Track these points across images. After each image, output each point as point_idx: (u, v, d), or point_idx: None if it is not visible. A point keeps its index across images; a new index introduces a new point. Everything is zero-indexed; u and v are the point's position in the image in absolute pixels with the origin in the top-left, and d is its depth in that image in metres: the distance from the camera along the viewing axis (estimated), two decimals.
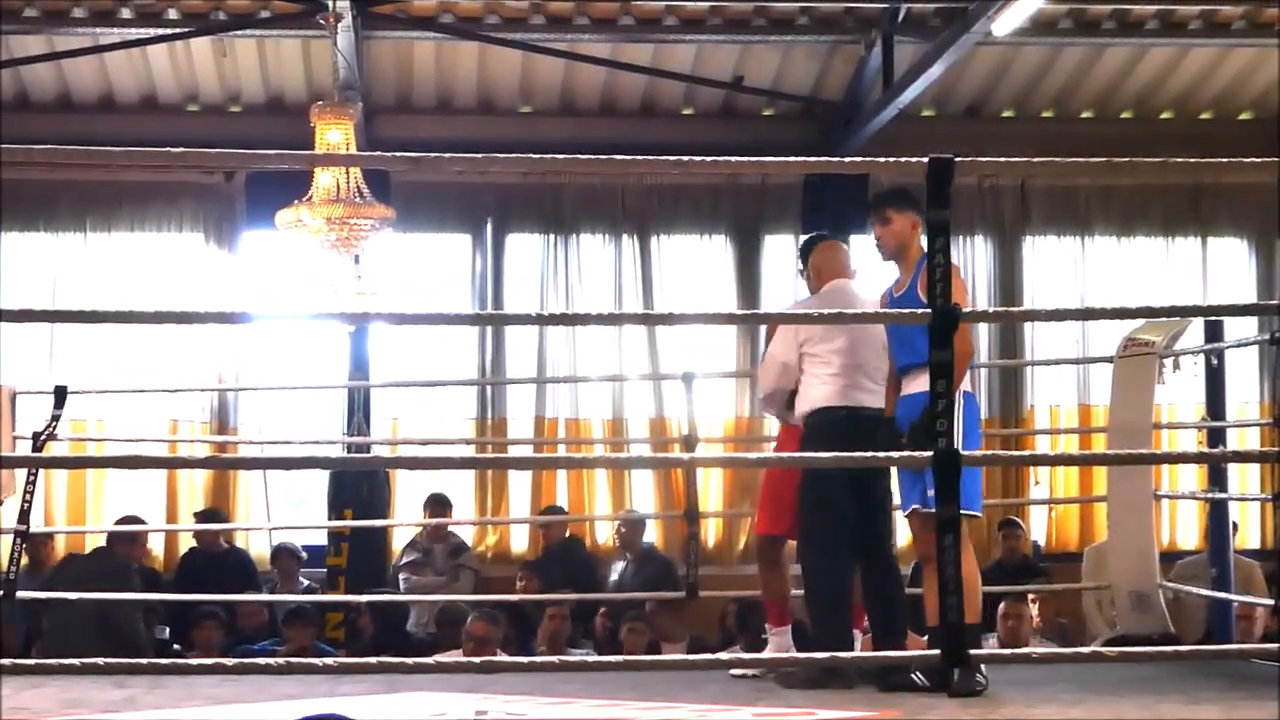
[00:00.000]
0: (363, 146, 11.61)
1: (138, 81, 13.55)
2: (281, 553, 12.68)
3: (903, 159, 5.84)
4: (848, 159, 7.18)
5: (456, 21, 12.91)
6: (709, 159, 5.93)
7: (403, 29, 12.91)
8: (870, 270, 8.22)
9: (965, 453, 5.70)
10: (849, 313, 7.61)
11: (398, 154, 5.91)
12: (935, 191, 5.58)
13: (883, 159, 5.73)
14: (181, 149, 6.19)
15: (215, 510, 13.12)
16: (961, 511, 6.59)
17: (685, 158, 5.84)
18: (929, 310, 5.61)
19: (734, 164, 6.75)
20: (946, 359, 5.52)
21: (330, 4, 11.23)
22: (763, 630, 10.22)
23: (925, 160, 5.60)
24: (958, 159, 5.62)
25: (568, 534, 13.08)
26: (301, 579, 12.61)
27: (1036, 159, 6.87)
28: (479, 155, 5.61)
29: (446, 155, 5.76)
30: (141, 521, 12.58)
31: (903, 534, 8.83)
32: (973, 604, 6.95)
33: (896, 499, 7.62)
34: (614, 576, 12.63)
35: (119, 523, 12.48)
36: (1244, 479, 13.38)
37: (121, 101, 13.70)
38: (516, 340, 13.96)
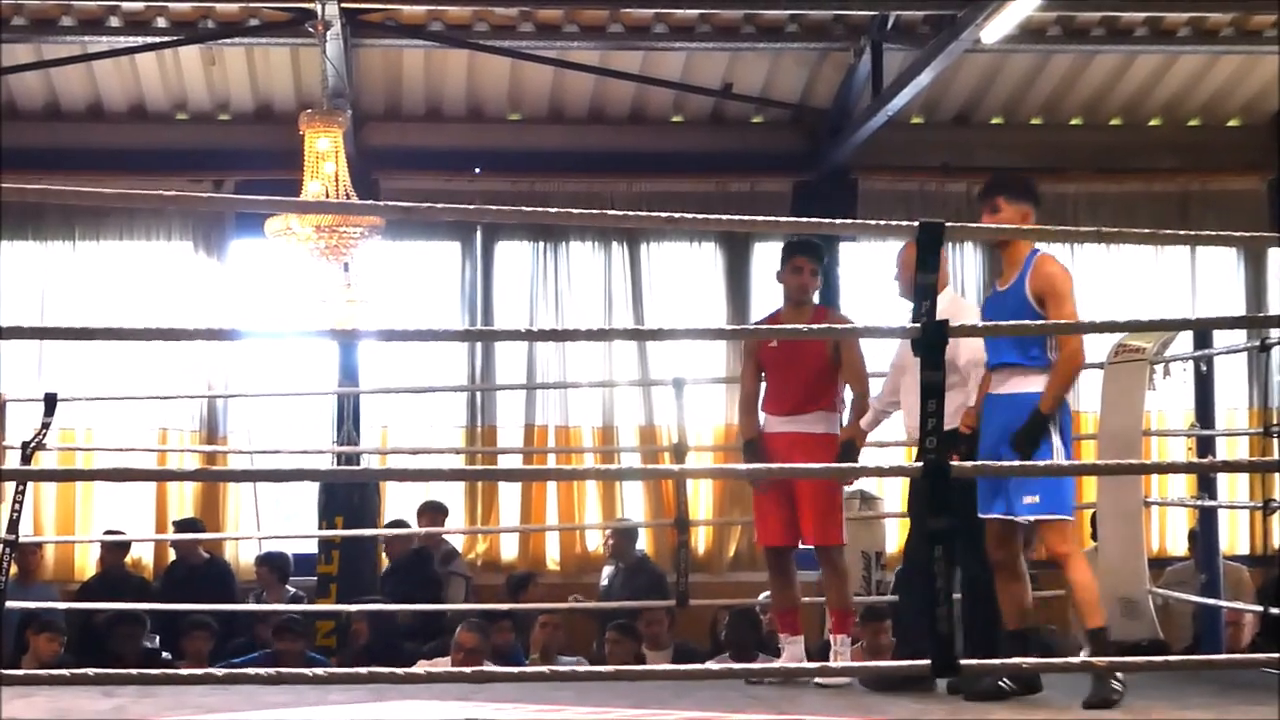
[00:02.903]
0: (351, 154, 11.61)
1: (126, 90, 13.53)
2: (262, 563, 12.66)
3: (894, 222, 5.83)
4: (837, 220, 7.18)
5: (445, 29, 12.91)
6: (699, 216, 5.90)
7: (392, 37, 12.91)
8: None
9: (955, 464, 5.67)
10: (837, 328, 7.61)
11: (390, 203, 5.85)
12: (924, 256, 5.56)
13: (873, 222, 5.72)
14: (174, 193, 6.21)
15: (193, 520, 13.07)
16: (1058, 517, 6.95)
17: (676, 214, 5.83)
18: (918, 326, 5.58)
19: (723, 222, 6.68)
20: (937, 380, 5.50)
21: (319, 12, 11.22)
22: (754, 642, 10.27)
23: (916, 224, 5.58)
24: (949, 224, 5.59)
25: (416, 546, 12.82)
26: (289, 588, 12.59)
27: (1025, 226, 6.98)
28: (470, 206, 5.59)
29: (439, 205, 5.74)
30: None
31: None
32: (1093, 608, 7.00)
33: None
34: (603, 583, 12.61)
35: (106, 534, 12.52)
36: (1233, 486, 13.40)
37: (110, 110, 13.68)
38: (506, 348, 13.96)
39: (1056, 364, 6.97)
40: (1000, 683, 7.08)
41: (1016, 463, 7.04)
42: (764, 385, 8.32)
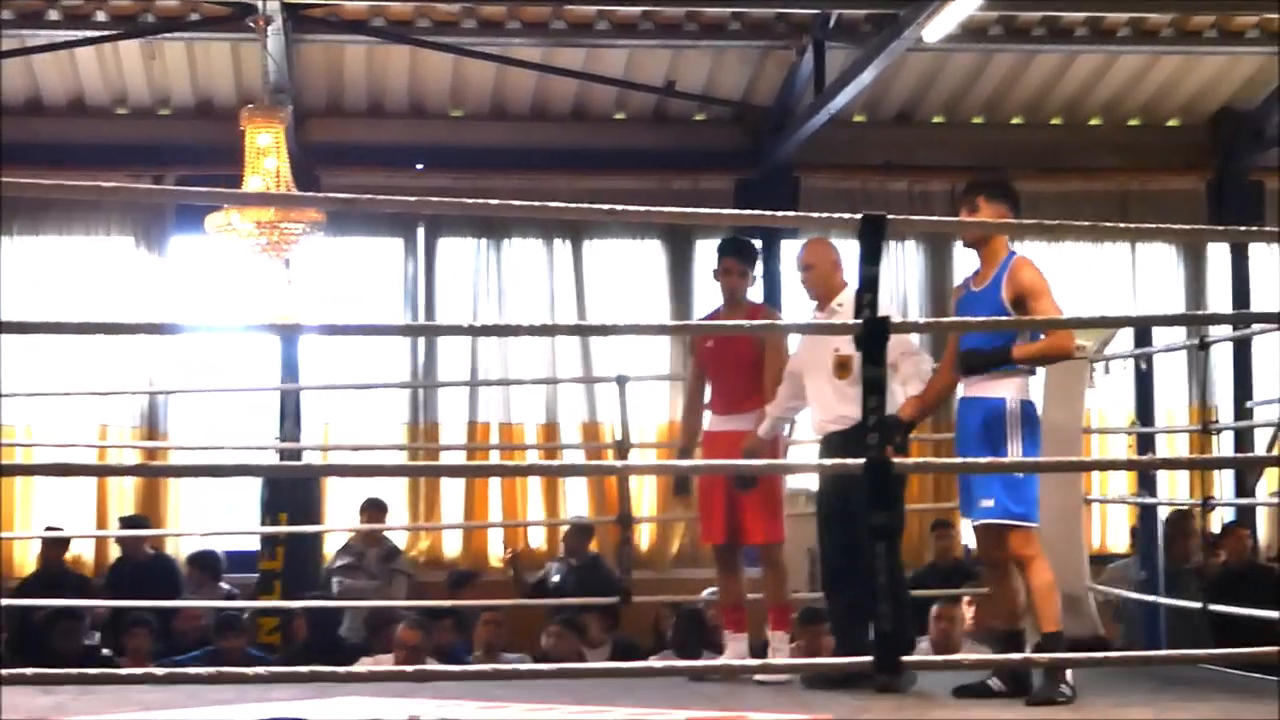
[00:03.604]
0: (293, 151, 11.55)
1: (65, 84, 13.44)
2: (192, 562, 12.62)
3: (837, 214, 5.85)
4: (778, 214, 7.25)
5: (387, 25, 12.88)
6: (641, 209, 5.91)
7: (333, 32, 12.87)
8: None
9: (897, 460, 5.69)
10: (780, 324, 7.60)
11: (330, 195, 5.86)
12: (867, 248, 5.56)
13: (815, 214, 5.72)
14: (115, 183, 6.14)
15: (140, 517, 13.01)
16: (1012, 522, 7.00)
17: (619, 207, 5.84)
18: (860, 322, 5.58)
19: (665, 214, 6.68)
20: (879, 375, 5.51)
21: (260, 7, 11.18)
22: (699, 640, 10.28)
23: (859, 216, 5.59)
24: (891, 217, 5.61)
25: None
26: (223, 584, 12.55)
27: (967, 219, 7.03)
28: (412, 199, 5.55)
29: (381, 197, 5.73)
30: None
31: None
32: (1050, 613, 7.04)
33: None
34: (554, 579, 12.60)
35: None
36: (1173, 483, 13.48)
37: (49, 104, 13.59)
38: (449, 345, 13.93)
39: (1047, 337, 7.04)
40: (988, 682, 7.10)
41: (956, 460, 7.08)
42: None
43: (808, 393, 7.93)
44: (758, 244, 8.72)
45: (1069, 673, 6.90)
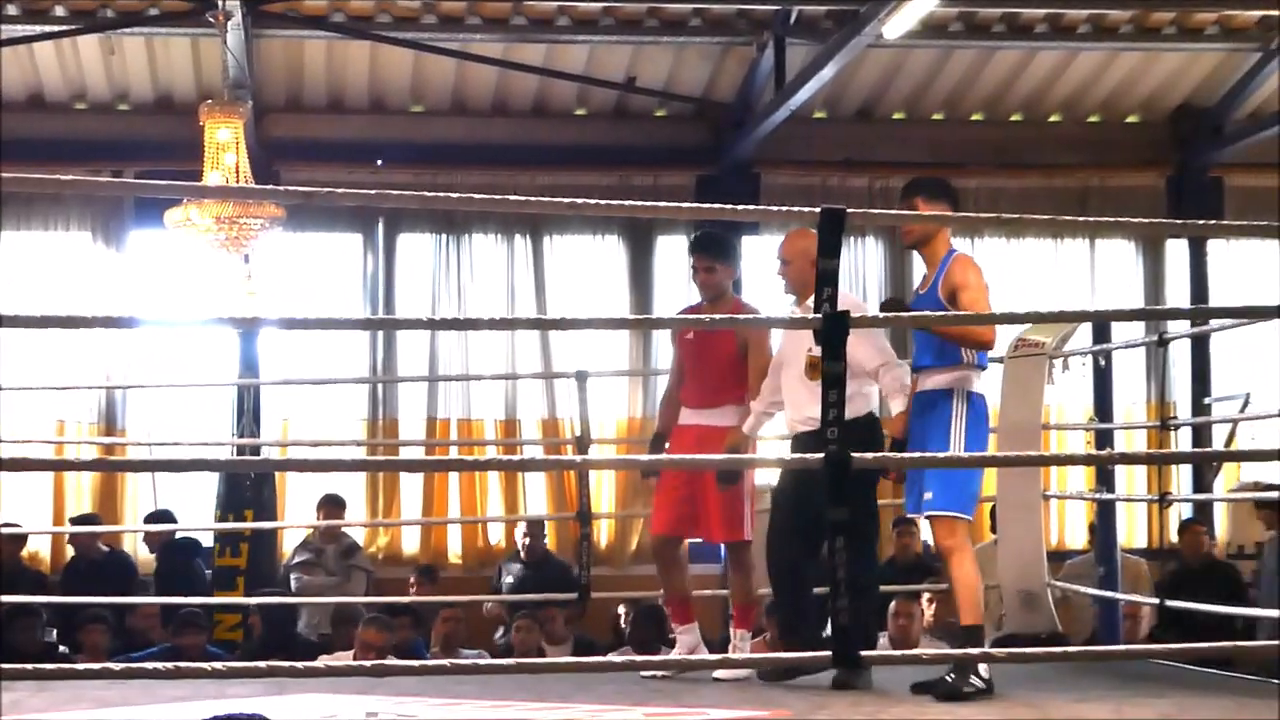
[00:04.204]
0: (252, 146, 11.52)
1: (24, 79, 13.38)
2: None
3: (796, 208, 5.87)
4: (739, 207, 7.24)
5: (347, 20, 12.85)
6: (601, 202, 5.91)
7: (293, 27, 12.83)
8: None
9: (857, 454, 5.69)
10: (739, 318, 7.58)
11: (290, 188, 5.83)
12: (826, 241, 5.56)
13: (775, 208, 5.77)
14: (74, 177, 6.11)
15: (91, 515, 12.96)
16: (949, 514, 7.00)
17: (579, 200, 5.84)
18: (819, 317, 5.58)
19: (624, 208, 6.67)
20: (838, 370, 5.51)
21: (220, 2, 11.14)
22: (657, 636, 10.27)
23: (818, 210, 5.60)
24: (850, 210, 5.62)
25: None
26: None
27: (925, 213, 7.05)
28: (372, 191, 5.57)
29: (340, 190, 5.72)
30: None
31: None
32: (972, 606, 7.04)
33: None
34: (508, 579, 12.58)
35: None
36: (1131, 479, 13.52)
37: (8, 99, 13.49)
38: (408, 341, 13.91)
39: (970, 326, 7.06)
40: (947, 678, 7.08)
41: (915, 454, 7.08)
42: None
43: (782, 390, 7.89)
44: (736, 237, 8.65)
45: (982, 666, 6.90)
